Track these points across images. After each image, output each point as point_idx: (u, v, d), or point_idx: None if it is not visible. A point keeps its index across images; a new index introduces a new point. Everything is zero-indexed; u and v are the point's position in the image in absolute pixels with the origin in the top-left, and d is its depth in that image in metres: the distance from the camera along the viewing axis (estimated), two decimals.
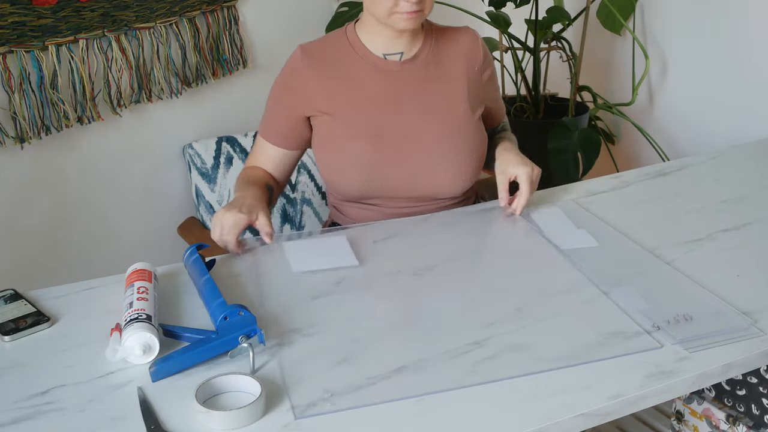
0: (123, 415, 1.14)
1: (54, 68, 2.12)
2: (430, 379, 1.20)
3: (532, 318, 1.36)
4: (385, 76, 1.75)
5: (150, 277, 1.41)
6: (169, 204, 2.56)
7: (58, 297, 1.45)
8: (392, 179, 1.73)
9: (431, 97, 1.76)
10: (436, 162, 1.73)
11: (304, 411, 1.13)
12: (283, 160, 1.84)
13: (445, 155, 1.74)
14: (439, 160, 1.73)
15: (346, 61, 1.75)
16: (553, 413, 1.13)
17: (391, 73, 1.75)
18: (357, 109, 1.73)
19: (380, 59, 1.75)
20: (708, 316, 1.35)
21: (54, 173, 2.25)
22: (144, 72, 2.34)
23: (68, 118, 2.18)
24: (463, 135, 1.76)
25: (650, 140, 2.89)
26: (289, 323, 1.35)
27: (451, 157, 1.74)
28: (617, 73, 3.15)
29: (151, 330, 1.24)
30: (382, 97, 1.74)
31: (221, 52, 2.54)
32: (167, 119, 2.48)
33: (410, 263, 1.56)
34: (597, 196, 1.86)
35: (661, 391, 1.20)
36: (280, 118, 1.80)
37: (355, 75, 1.74)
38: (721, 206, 1.80)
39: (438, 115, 1.75)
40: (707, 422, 1.66)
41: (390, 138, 1.73)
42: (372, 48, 1.74)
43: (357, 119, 1.73)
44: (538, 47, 2.98)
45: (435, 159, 1.73)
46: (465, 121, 1.77)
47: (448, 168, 1.74)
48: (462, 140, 1.75)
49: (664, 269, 1.51)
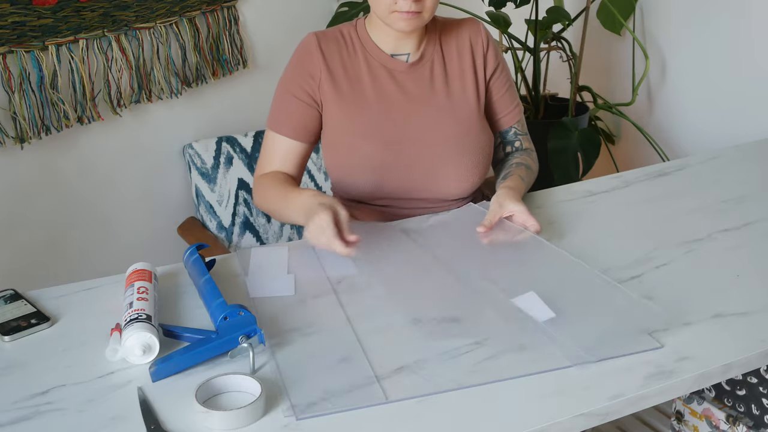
0: (123, 415, 1.13)
1: (54, 68, 2.12)
2: (430, 379, 1.20)
3: (531, 319, 1.36)
4: (393, 76, 1.75)
5: (150, 277, 1.40)
6: (169, 204, 2.56)
7: (58, 297, 1.45)
8: (401, 180, 1.73)
9: (438, 97, 1.76)
10: (444, 163, 1.73)
11: (304, 411, 1.13)
12: (298, 153, 1.78)
13: (453, 156, 1.74)
14: (448, 161, 1.73)
15: (357, 54, 1.75)
16: (553, 413, 1.13)
17: (399, 73, 1.75)
18: (365, 107, 1.73)
19: (389, 58, 1.75)
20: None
21: (54, 173, 2.25)
22: (144, 72, 2.34)
23: (68, 118, 2.18)
24: (471, 136, 1.76)
25: (650, 140, 2.89)
26: (289, 323, 1.35)
27: (459, 158, 1.74)
28: (617, 73, 3.15)
29: (151, 330, 1.24)
30: (390, 96, 1.74)
31: (221, 52, 2.54)
32: (167, 119, 2.48)
33: (411, 263, 1.56)
34: (597, 196, 1.86)
35: (661, 391, 1.20)
36: (291, 106, 1.75)
37: (364, 71, 1.74)
38: (721, 206, 1.80)
39: (445, 116, 1.75)
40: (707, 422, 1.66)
41: (399, 139, 1.72)
42: (381, 46, 1.75)
43: (365, 117, 1.73)
44: (538, 47, 2.98)
45: (443, 160, 1.73)
46: (472, 122, 1.76)
47: (455, 169, 1.74)
48: (470, 141, 1.75)
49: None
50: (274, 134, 1.77)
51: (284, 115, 1.76)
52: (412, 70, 1.76)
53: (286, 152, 1.77)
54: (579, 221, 1.73)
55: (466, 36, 1.80)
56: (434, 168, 1.73)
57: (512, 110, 1.87)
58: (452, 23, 1.82)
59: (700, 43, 2.79)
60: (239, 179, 2.52)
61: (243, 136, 2.57)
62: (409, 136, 1.73)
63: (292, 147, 1.77)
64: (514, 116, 1.88)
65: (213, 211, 2.48)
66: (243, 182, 2.52)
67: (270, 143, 1.78)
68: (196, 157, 2.48)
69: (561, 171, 2.72)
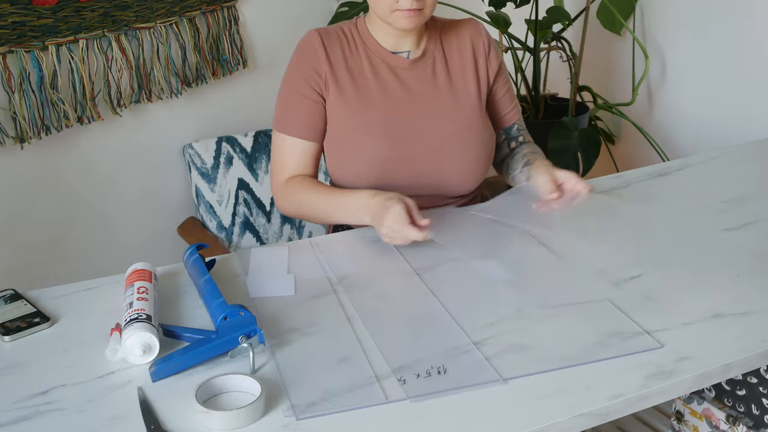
0: (123, 415, 1.13)
1: (54, 68, 2.12)
2: (430, 379, 1.20)
3: (532, 318, 1.36)
4: (395, 72, 1.75)
5: (150, 277, 1.40)
6: (169, 204, 2.56)
7: (58, 297, 1.45)
8: (402, 177, 1.73)
9: (441, 94, 1.76)
10: (446, 160, 1.73)
11: (304, 411, 1.13)
12: (312, 153, 1.76)
13: (455, 153, 1.74)
14: (450, 158, 1.74)
15: (358, 51, 1.75)
16: (553, 413, 1.13)
17: (400, 69, 1.75)
18: (368, 104, 1.73)
19: (390, 54, 1.75)
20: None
21: (54, 173, 2.25)
22: (144, 72, 2.34)
23: (68, 118, 2.18)
24: (473, 133, 1.76)
25: (650, 140, 2.90)
26: (289, 323, 1.35)
27: (462, 153, 1.74)
28: (617, 73, 3.15)
29: (151, 330, 1.24)
30: (393, 93, 1.74)
31: (221, 52, 2.54)
32: (167, 119, 2.48)
33: (411, 262, 1.56)
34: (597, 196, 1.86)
35: (661, 391, 1.20)
36: (298, 105, 1.73)
37: (366, 67, 1.74)
38: (721, 206, 1.80)
39: (448, 113, 1.75)
40: (707, 422, 1.66)
41: (401, 135, 1.72)
42: (382, 42, 1.75)
43: (369, 114, 1.73)
44: (538, 47, 2.98)
45: (445, 157, 1.73)
46: (475, 118, 1.77)
47: (458, 166, 1.74)
48: (471, 138, 1.76)
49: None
50: (284, 137, 1.75)
51: (292, 116, 1.74)
52: (414, 67, 1.76)
53: (301, 154, 1.75)
54: (578, 221, 1.73)
55: (467, 35, 1.81)
56: (437, 164, 1.73)
57: (513, 108, 1.88)
58: (452, 23, 1.83)
59: (700, 42, 2.79)
60: (239, 179, 2.52)
61: (243, 136, 2.57)
62: (412, 131, 1.73)
63: (305, 148, 1.75)
64: (515, 113, 1.89)
65: (213, 211, 2.48)
66: (243, 182, 2.52)
67: (281, 146, 1.76)
68: (196, 157, 2.48)
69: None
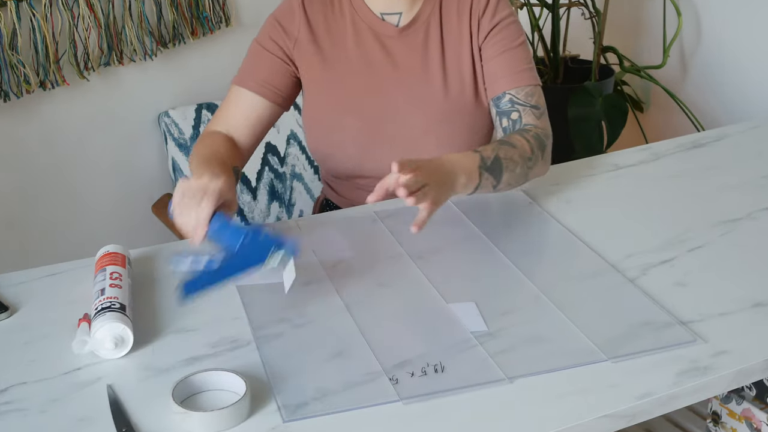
0: (91, 416, 1.13)
1: (13, 27, 2.11)
2: (436, 376, 1.20)
3: (551, 307, 1.36)
4: (381, 42, 1.74)
5: (123, 262, 1.40)
6: (143, 179, 2.56)
7: (17, 284, 1.45)
8: (384, 158, 1.71)
9: (430, 69, 1.74)
10: (431, 144, 1.72)
11: (294, 412, 1.13)
12: (259, 113, 1.73)
13: (441, 136, 1.73)
14: (436, 142, 1.73)
15: (344, 15, 1.75)
16: (575, 414, 1.13)
17: (387, 38, 1.74)
18: (349, 77, 1.73)
19: (378, 20, 1.74)
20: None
21: (13, 144, 2.25)
22: (114, 31, 2.33)
23: (29, 82, 2.17)
24: (464, 114, 1.75)
25: (683, 107, 2.89)
26: (278, 313, 1.35)
27: (448, 137, 1.73)
28: (646, 33, 3.14)
29: (125, 321, 1.24)
30: (377, 65, 1.74)
31: (201, 9, 2.52)
32: (141, 84, 2.47)
33: (414, 245, 1.55)
34: (623, 170, 1.86)
35: (696, 389, 1.20)
36: (262, 60, 1.74)
37: (350, 34, 1.74)
38: (762, 182, 1.80)
39: (436, 90, 1.74)
40: (747, 424, 1.66)
41: (382, 113, 1.73)
42: (371, 5, 1.73)
43: (348, 89, 1.73)
44: (557, 3, 2.97)
45: (430, 139, 1.73)
46: (467, 97, 1.74)
47: (443, 149, 1.70)
48: (462, 119, 1.75)
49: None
50: (237, 88, 1.75)
51: (250, 68, 1.75)
52: (403, 36, 1.74)
53: (246, 109, 1.73)
54: (602, 199, 1.73)
55: None
56: (419, 147, 1.71)
57: (511, 74, 1.71)
58: None
59: None
60: None
61: None
62: (393, 110, 1.73)
63: (254, 104, 1.73)
64: (511, 80, 1.71)
65: None
66: None
67: (228, 98, 1.76)
68: (173, 127, 2.48)
69: (582, 142, 2.71)
